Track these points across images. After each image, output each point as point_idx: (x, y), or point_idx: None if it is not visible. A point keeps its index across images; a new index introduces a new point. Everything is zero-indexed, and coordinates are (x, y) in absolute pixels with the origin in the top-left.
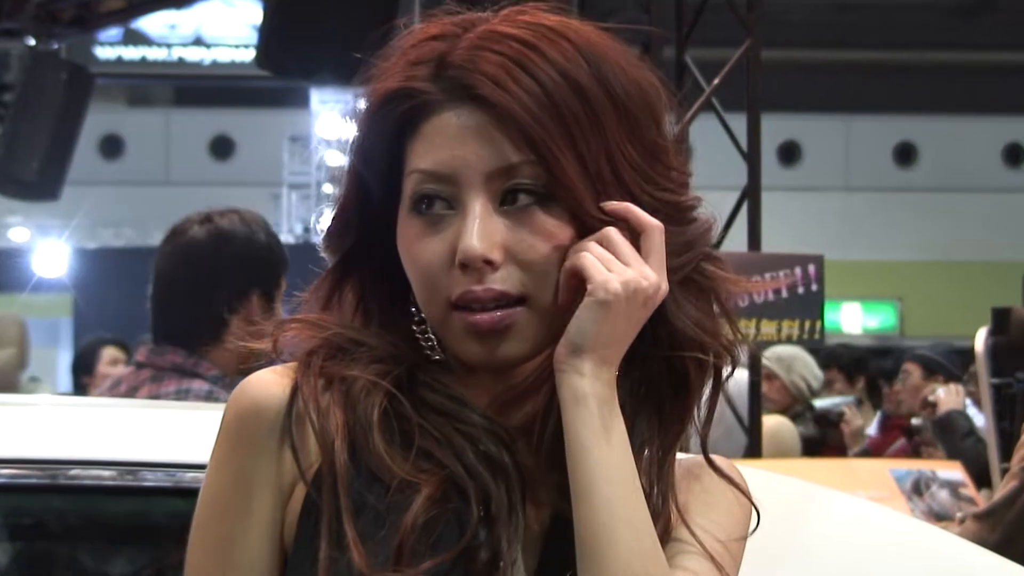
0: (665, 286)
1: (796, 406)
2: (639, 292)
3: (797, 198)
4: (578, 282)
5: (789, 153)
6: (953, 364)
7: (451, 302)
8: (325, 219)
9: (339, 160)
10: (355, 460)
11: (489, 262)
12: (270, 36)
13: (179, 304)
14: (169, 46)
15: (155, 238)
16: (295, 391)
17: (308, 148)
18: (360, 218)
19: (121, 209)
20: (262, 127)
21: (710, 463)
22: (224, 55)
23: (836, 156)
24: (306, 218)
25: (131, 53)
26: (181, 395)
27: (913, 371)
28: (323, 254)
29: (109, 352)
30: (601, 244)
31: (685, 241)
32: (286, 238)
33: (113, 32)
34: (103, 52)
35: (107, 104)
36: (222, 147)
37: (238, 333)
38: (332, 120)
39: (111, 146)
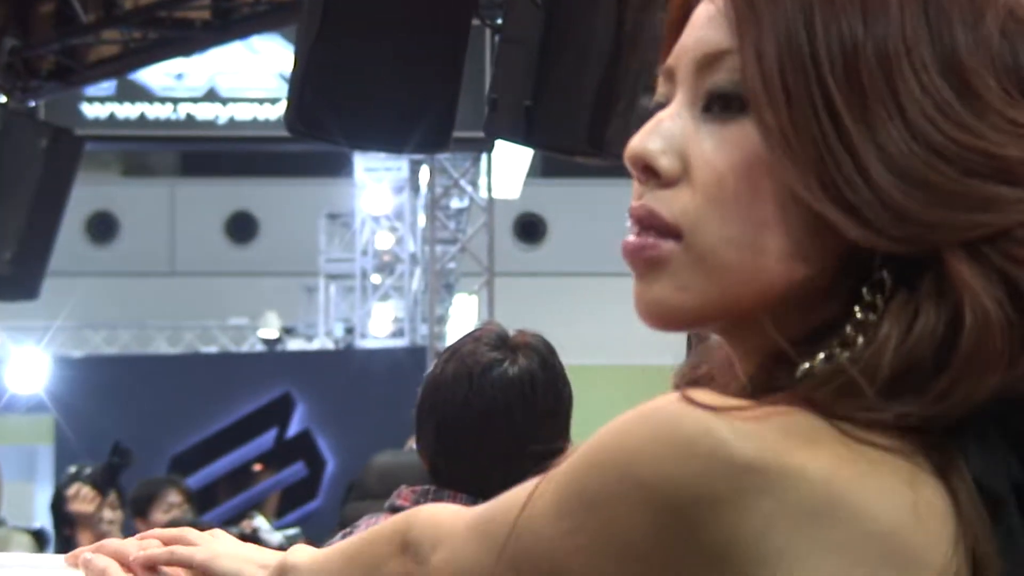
0: None
1: None
2: None
3: None
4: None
5: None
6: None
7: None
8: (377, 319)
9: (390, 242)
10: None
11: (651, 169)
12: (303, 89)
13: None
14: (175, 101)
15: (157, 343)
16: None
17: (351, 228)
18: None
19: (115, 306)
20: (292, 202)
21: None
22: (244, 112)
23: None
24: (349, 317)
25: (127, 110)
26: None
27: None
28: None
29: (83, 490)
30: None
31: (981, 197)
32: (324, 343)
33: (105, 85)
34: (92, 110)
35: (98, 174)
36: (242, 227)
37: None
38: (380, 194)
39: (103, 227)
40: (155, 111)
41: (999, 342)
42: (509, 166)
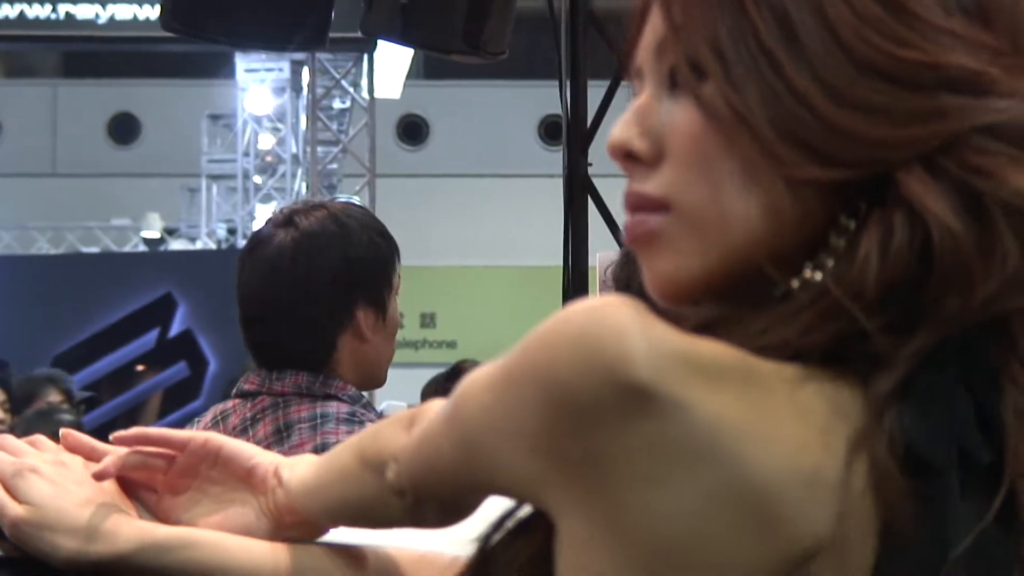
0: None
1: None
2: None
3: None
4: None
5: None
6: None
7: None
8: (260, 220)
9: (271, 143)
10: None
11: (632, 155)
12: None
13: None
14: (55, 1)
15: (39, 244)
16: None
17: (233, 129)
18: None
19: None
20: (174, 103)
21: None
22: (124, 12)
23: None
24: (231, 217)
25: (6, 10)
26: (317, 421)
27: None
28: None
29: None
30: None
31: (927, 108)
32: (206, 243)
33: None
34: None
35: None
36: (124, 128)
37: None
38: (262, 95)
39: None
40: (34, 11)
41: (970, 251)
42: (391, 67)
